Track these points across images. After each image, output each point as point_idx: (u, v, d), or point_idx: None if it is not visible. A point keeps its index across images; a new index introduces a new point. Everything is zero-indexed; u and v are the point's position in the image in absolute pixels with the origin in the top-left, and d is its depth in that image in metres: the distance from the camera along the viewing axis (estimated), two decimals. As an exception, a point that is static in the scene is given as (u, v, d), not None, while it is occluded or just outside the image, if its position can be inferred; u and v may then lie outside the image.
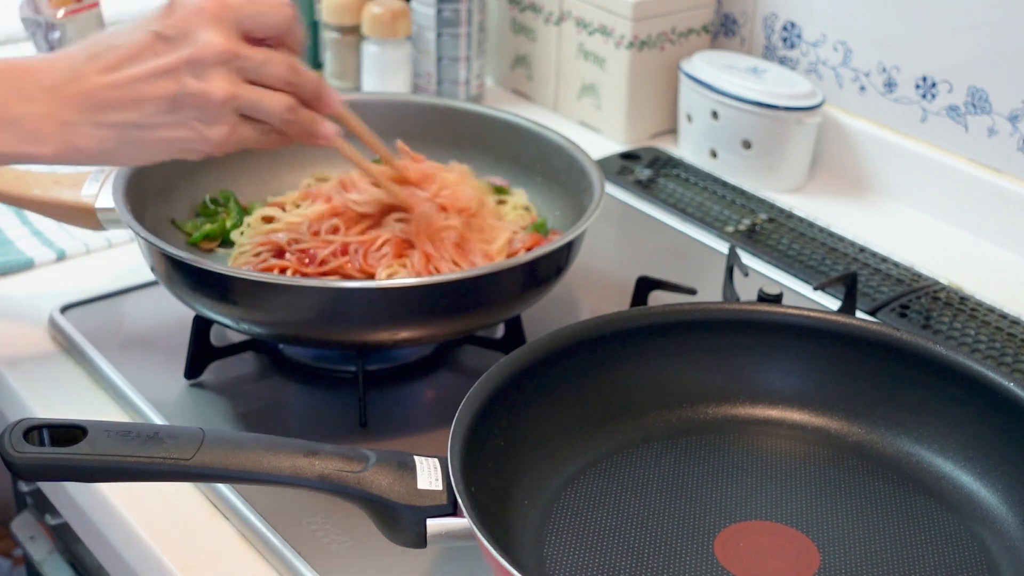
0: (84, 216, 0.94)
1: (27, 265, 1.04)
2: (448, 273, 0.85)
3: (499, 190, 1.01)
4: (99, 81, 0.76)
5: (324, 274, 0.89)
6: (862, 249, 1.12)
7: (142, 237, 0.83)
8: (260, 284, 0.80)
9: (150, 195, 0.93)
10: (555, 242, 0.85)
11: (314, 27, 1.38)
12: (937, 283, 1.07)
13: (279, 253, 0.91)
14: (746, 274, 0.96)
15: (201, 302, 0.84)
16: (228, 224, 0.98)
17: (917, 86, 1.19)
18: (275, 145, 0.82)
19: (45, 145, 0.76)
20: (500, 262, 0.85)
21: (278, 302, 0.81)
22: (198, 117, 0.77)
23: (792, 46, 1.29)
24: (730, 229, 1.15)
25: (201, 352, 0.90)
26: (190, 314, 0.89)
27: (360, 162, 0.91)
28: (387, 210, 0.93)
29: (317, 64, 1.40)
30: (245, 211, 0.99)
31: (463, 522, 0.65)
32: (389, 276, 0.88)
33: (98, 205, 0.92)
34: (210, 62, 0.76)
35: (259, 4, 0.79)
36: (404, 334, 0.83)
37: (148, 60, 0.76)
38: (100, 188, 0.93)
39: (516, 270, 0.83)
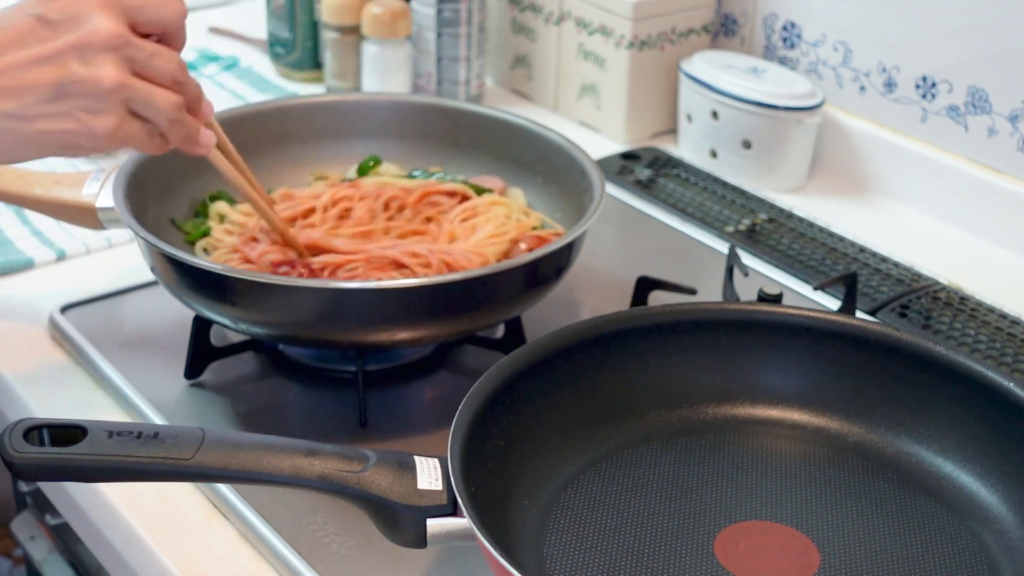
0: (85, 215, 0.94)
1: (27, 265, 1.04)
2: (448, 273, 0.85)
3: (479, 191, 1.01)
4: None
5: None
6: (862, 249, 1.12)
7: (141, 237, 0.83)
8: (259, 284, 0.80)
9: (150, 195, 0.93)
10: (556, 243, 0.85)
11: (314, 27, 1.38)
12: (937, 283, 1.07)
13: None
14: (746, 274, 0.96)
15: (199, 302, 0.84)
16: None
17: (917, 86, 1.19)
18: (157, 150, 0.77)
19: None
20: (502, 263, 0.84)
21: (277, 302, 0.81)
22: (84, 107, 0.71)
23: (792, 46, 1.29)
24: (730, 229, 1.15)
25: (201, 352, 0.90)
26: (190, 314, 0.89)
27: (236, 179, 0.89)
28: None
29: (317, 64, 1.40)
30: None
31: (463, 522, 0.65)
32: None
33: (99, 204, 0.92)
34: (99, 47, 0.71)
35: None
36: (403, 335, 0.83)
37: (29, 46, 0.71)
38: (101, 188, 0.93)
39: (517, 271, 0.83)
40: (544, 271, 0.86)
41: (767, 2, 1.30)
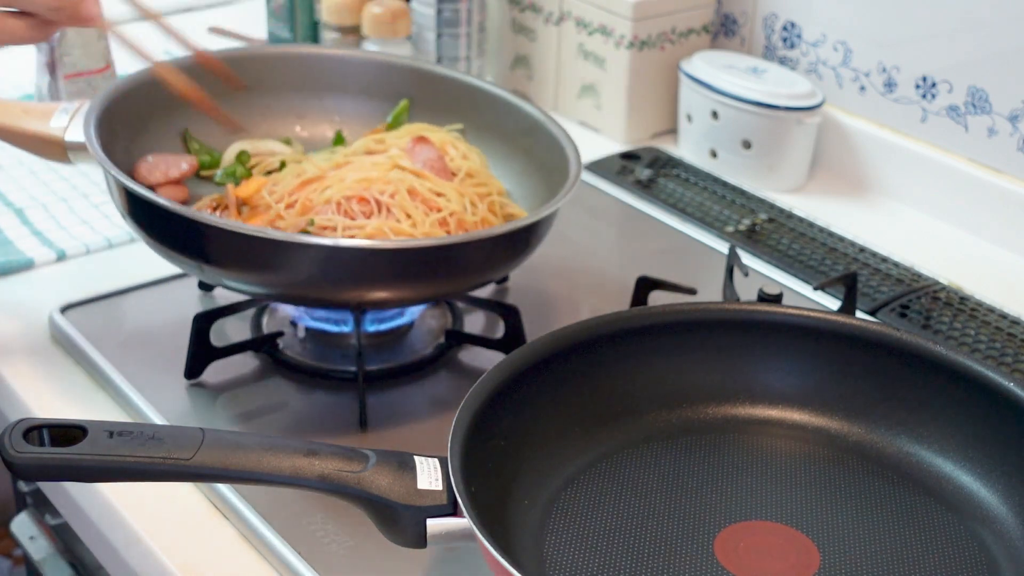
0: (52, 148, 0.92)
1: (27, 265, 1.04)
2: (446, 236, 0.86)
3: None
4: None
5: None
6: (862, 249, 1.12)
7: (113, 176, 0.82)
8: (238, 236, 0.79)
9: (121, 130, 0.93)
10: (553, 203, 0.85)
11: (314, 27, 1.38)
12: (937, 283, 1.07)
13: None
14: (746, 274, 0.96)
15: (173, 249, 0.83)
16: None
17: (917, 86, 1.19)
18: (41, 39, 0.79)
19: None
20: (496, 227, 0.85)
21: (263, 258, 0.80)
22: None
23: (792, 46, 1.29)
24: (730, 229, 1.15)
25: (201, 352, 0.90)
26: (190, 314, 0.89)
27: (140, 50, 0.89)
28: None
29: (317, 64, 1.40)
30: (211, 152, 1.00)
31: (463, 522, 0.65)
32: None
33: (67, 138, 0.91)
34: None
35: None
36: (390, 293, 0.83)
37: None
38: (70, 120, 0.91)
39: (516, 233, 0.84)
40: (541, 232, 0.87)
41: (767, 2, 1.30)
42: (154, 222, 0.84)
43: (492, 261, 0.86)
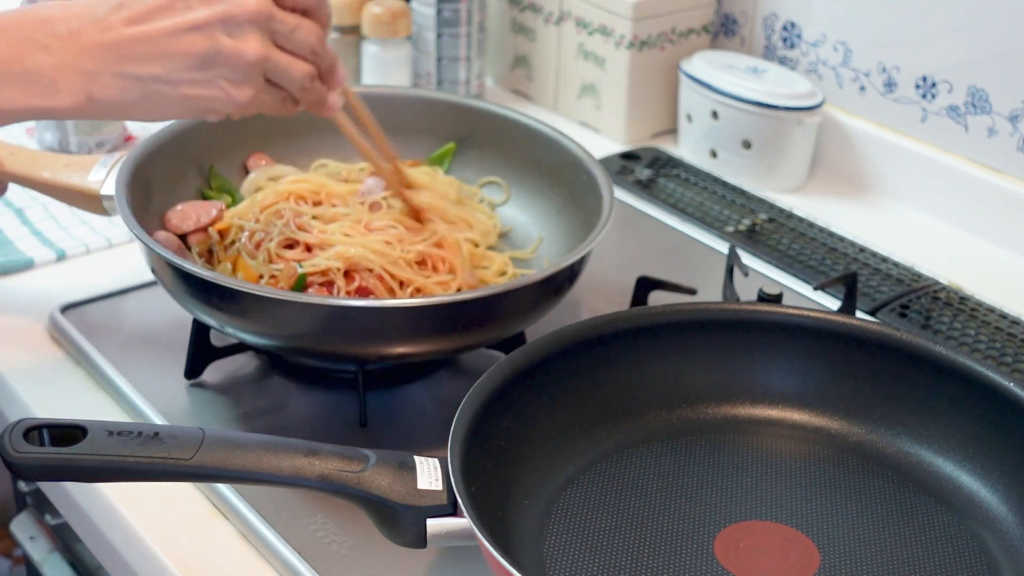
0: (90, 201, 0.93)
1: (27, 265, 1.04)
2: (456, 293, 0.86)
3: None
4: (125, 32, 0.74)
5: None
6: (862, 249, 1.12)
7: (139, 238, 0.83)
8: (257, 297, 0.79)
9: (156, 180, 0.93)
10: (564, 260, 0.84)
11: (314, 27, 1.38)
12: (937, 283, 1.07)
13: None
14: (746, 274, 0.96)
15: (194, 304, 0.83)
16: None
17: (917, 86, 1.19)
18: (287, 111, 0.81)
19: (61, 96, 0.75)
20: (512, 281, 0.84)
21: (274, 315, 0.80)
22: (227, 76, 0.76)
23: (792, 46, 1.29)
24: (730, 229, 1.15)
25: (201, 352, 0.90)
26: (190, 314, 0.89)
27: (356, 140, 0.91)
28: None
29: (317, 64, 1.40)
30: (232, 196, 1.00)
31: (463, 522, 0.65)
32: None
33: (103, 192, 0.92)
34: (245, 20, 0.75)
35: None
36: (403, 349, 0.83)
37: (180, 13, 0.74)
38: (107, 174, 0.92)
39: (529, 288, 0.83)
40: (554, 286, 0.86)
41: (767, 2, 1.30)
42: (189, 286, 0.84)
43: (527, 310, 0.86)
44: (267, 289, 0.81)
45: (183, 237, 0.93)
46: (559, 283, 0.86)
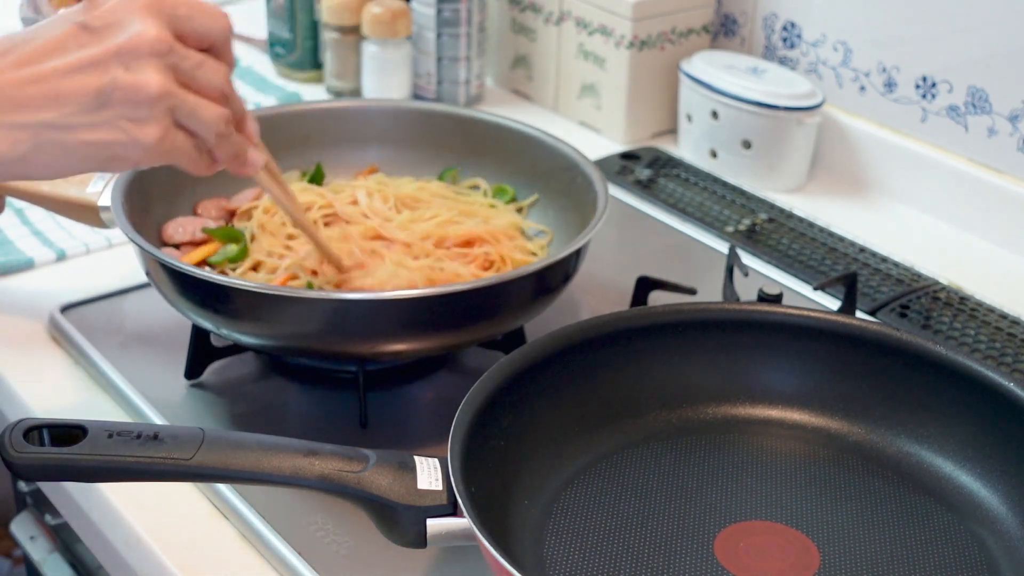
0: (88, 213, 0.93)
1: (27, 265, 1.04)
2: (453, 284, 0.85)
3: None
4: (11, 76, 0.66)
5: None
6: (862, 249, 1.12)
7: (135, 241, 0.83)
8: (254, 294, 0.79)
9: (155, 194, 0.93)
10: (560, 253, 0.84)
11: (314, 27, 1.38)
12: (937, 283, 1.07)
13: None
14: (746, 274, 0.96)
15: (191, 309, 0.83)
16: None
17: (917, 86, 1.19)
18: (202, 170, 0.73)
19: None
20: (508, 272, 0.83)
21: (275, 314, 0.80)
22: (127, 115, 0.67)
23: (792, 46, 1.29)
24: (730, 229, 1.15)
25: (201, 352, 0.90)
26: (190, 314, 0.89)
27: (283, 201, 0.86)
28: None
29: (317, 64, 1.40)
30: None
31: (463, 522, 0.65)
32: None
33: (101, 203, 0.92)
34: (144, 52, 0.67)
35: (196, 6, 0.70)
36: (403, 346, 0.83)
37: (71, 52, 0.67)
38: (105, 186, 0.93)
39: (525, 279, 0.83)
40: (551, 281, 0.86)
41: (767, 2, 1.30)
42: (185, 288, 0.83)
43: (526, 302, 0.86)
44: (265, 286, 0.81)
45: (177, 248, 0.94)
46: (558, 274, 0.86)
